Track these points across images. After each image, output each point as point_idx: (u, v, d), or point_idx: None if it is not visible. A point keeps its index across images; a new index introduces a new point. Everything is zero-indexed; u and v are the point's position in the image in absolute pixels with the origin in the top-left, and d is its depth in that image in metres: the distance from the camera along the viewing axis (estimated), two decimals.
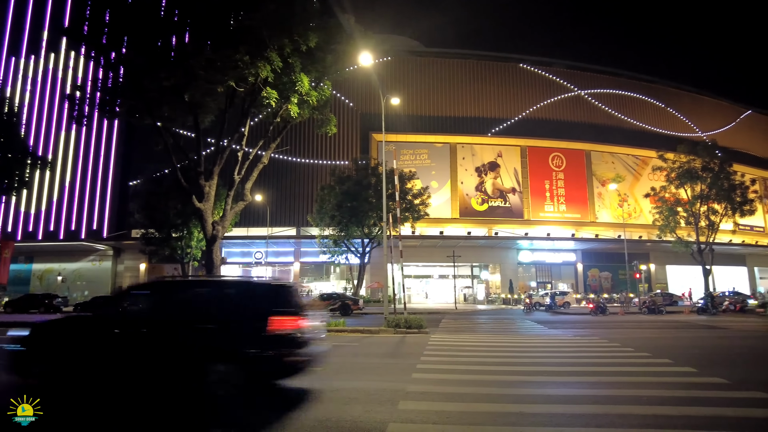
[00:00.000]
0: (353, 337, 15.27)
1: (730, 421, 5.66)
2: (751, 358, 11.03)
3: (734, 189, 34.80)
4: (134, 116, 19.20)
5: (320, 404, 6.53)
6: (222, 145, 19.46)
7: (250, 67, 15.60)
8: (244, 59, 15.53)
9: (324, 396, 6.98)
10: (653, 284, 45.41)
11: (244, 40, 16.19)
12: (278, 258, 43.49)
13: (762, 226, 55.24)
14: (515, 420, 5.77)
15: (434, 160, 45.22)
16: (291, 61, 16.65)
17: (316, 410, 6.21)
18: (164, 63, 17.26)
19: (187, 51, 17.60)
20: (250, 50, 15.74)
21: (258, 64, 15.65)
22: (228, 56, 15.86)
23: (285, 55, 16.42)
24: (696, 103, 57.67)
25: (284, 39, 16.15)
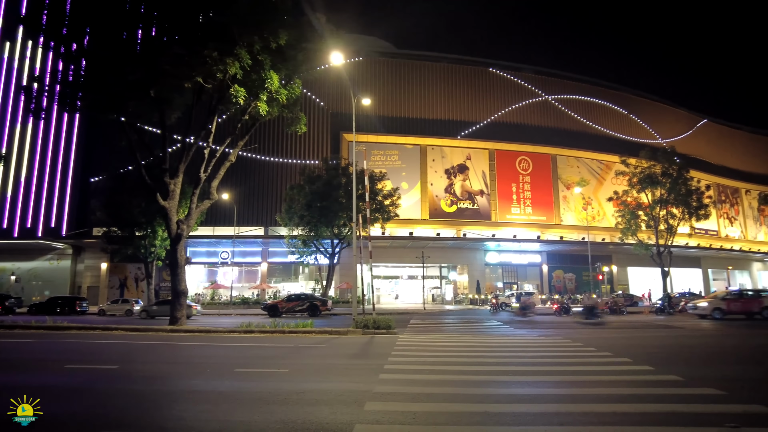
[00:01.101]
0: (321, 339, 15.17)
1: (683, 417, 5.88)
2: (704, 356, 11.49)
3: (691, 194, 36.21)
4: (97, 111, 18.63)
5: (285, 406, 6.45)
6: (188, 142, 19.06)
7: (218, 64, 15.33)
8: (212, 55, 15.25)
9: (290, 398, 6.90)
10: (615, 285, 46.81)
11: (213, 36, 15.92)
12: (245, 258, 42.81)
13: (715, 230, 57.72)
14: (480, 420, 5.84)
15: (405, 162, 45.41)
16: (261, 59, 16.45)
17: (281, 412, 6.14)
18: (129, 57, 16.79)
19: (153, 45, 17.18)
20: (219, 46, 15.47)
21: (227, 61, 15.40)
22: (196, 52, 15.55)
23: (255, 52, 16.21)
24: (657, 111, 59.81)
25: (254, 36, 15.94)
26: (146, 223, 32.81)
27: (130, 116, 18.37)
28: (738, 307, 23.69)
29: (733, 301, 24.13)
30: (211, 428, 5.62)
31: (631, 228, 37.25)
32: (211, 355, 12.04)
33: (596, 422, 5.71)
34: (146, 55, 16.76)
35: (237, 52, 15.76)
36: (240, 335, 16.15)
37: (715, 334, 17.17)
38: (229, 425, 5.67)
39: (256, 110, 17.89)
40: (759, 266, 60.47)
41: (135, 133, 19.30)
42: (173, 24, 17.27)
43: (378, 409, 6.26)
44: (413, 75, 48.78)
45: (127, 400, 6.93)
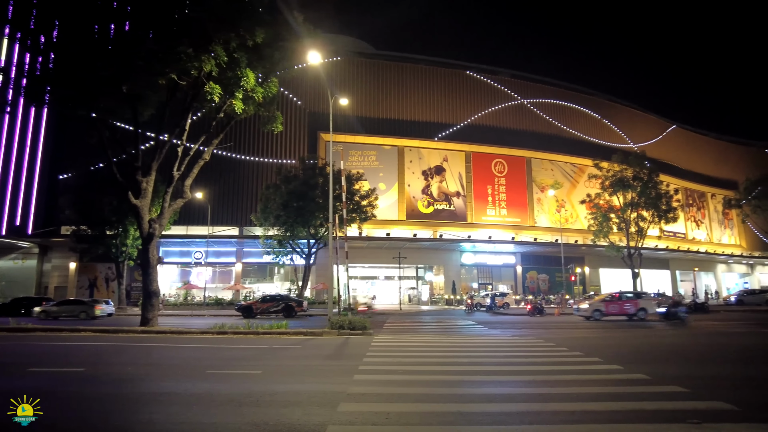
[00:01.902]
0: (296, 340, 15.07)
1: (649, 414, 6.05)
2: (670, 354, 11.82)
3: (660, 197, 37.21)
4: (66, 106, 18.11)
5: (258, 408, 6.39)
6: (162, 139, 18.71)
7: (193, 60, 15.10)
8: (187, 52, 15.02)
9: (262, 400, 6.84)
10: (587, 286, 47.77)
11: (188, 32, 15.67)
12: (219, 258, 42.20)
13: (683, 233, 59.46)
14: (453, 419, 5.89)
15: (382, 162, 45.46)
16: (237, 56, 16.26)
17: (253, 414, 6.08)
18: (101, 52, 16.38)
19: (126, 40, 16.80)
20: (194, 43, 15.25)
21: (202, 58, 15.19)
22: (171, 48, 15.28)
23: (231, 49, 16.02)
24: (629, 116, 61.28)
25: (230, 33, 15.74)
26: (117, 221, 32.04)
27: (101, 112, 17.92)
28: (616, 308, 24.31)
29: (611, 303, 24.73)
30: (181, 431, 5.54)
31: (603, 230, 38.05)
32: (182, 356, 11.84)
33: (567, 421, 5.83)
34: (119, 51, 16.37)
35: (212, 49, 15.55)
36: (213, 336, 15.92)
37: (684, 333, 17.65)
38: (200, 427, 5.59)
39: (231, 108, 17.68)
40: (723, 268, 62.53)
41: (106, 130, 18.84)
42: (147, 19, 16.91)
43: (351, 410, 6.26)
44: (391, 76, 48.88)
45: (93, 403, 6.75)
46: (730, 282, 61.84)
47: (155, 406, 6.55)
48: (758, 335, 16.43)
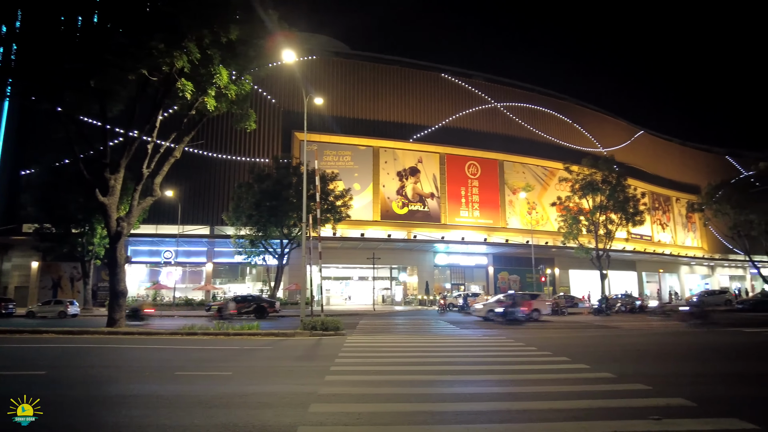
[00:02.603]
0: (267, 341, 14.93)
1: (613, 411, 6.23)
2: (635, 354, 12.17)
3: (628, 201, 38.16)
4: (29, 99, 17.50)
5: (228, 410, 6.32)
6: (131, 136, 18.30)
7: (165, 56, 14.82)
8: (159, 47, 14.72)
9: (233, 401, 6.76)
10: (557, 287, 48.69)
11: (160, 27, 15.33)
12: (190, 258, 41.41)
13: (650, 235, 61.25)
14: (424, 419, 5.95)
15: (357, 163, 45.40)
16: (210, 53, 16.03)
17: (222, 416, 6.01)
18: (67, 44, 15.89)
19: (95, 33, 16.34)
20: (166, 38, 14.94)
21: (174, 54, 14.91)
22: (141, 43, 14.93)
23: (204, 46, 15.78)
24: (598, 121, 62.75)
25: (204, 30, 15.51)
26: (84, 220, 31.10)
27: (67, 106, 17.37)
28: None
29: (505, 304, 24.25)
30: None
31: (573, 232, 38.81)
32: (150, 358, 11.60)
33: (534, 419, 5.96)
34: (86, 44, 15.91)
35: (185, 45, 15.27)
36: (182, 337, 15.63)
37: (648, 333, 18.18)
38: (167, 430, 5.49)
39: (203, 105, 17.40)
40: (686, 269, 64.69)
41: (73, 125, 18.29)
42: (117, 12, 16.49)
43: (322, 411, 6.25)
44: (367, 76, 48.86)
45: (53, 408, 6.47)
46: (692, 283, 64.01)
47: (120, 410, 6.38)
48: (716, 334, 17.04)
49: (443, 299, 35.99)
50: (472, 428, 5.60)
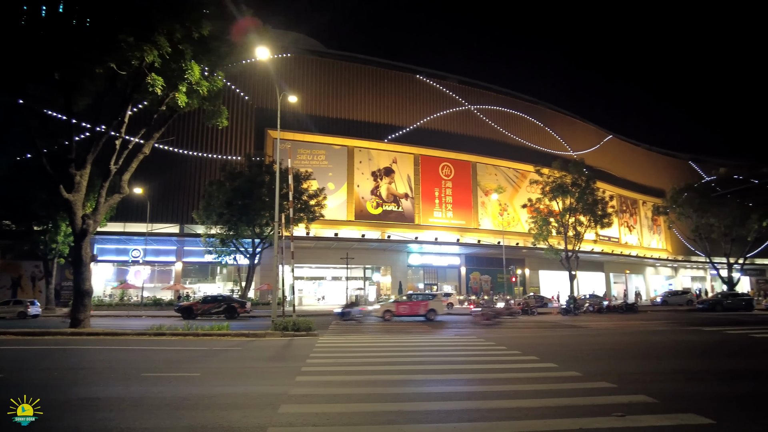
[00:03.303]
0: (237, 341, 14.74)
1: (579, 409, 6.38)
2: (602, 353, 12.48)
3: (597, 203, 39.10)
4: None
5: (195, 411, 6.22)
6: (98, 131, 17.77)
7: (134, 50, 14.43)
8: (128, 40, 14.33)
9: (200, 403, 6.66)
10: (527, 287, 49.52)
11: (130, 20, 14.93)
12: (158, 257, 40.49)
13: (617, 237, 62.90)
14: (393, 418, 5.97)
15: (332, 162, 45.19)
16: (182, 48, 15.71)
17: (189, 418, 5.91)
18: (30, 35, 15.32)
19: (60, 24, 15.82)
20: (136, 32, 14.55)
21: (144, 48, 14.54)
22: (110, 35, 14.51)
23: (175, 40, 15.45)
24: (569, 125, 64.10)
25: (175, 24, 15.19)
26: (47, 216, 30.05)
27: (29, 99, 16.77)
28: (406, 309, 24.74)
29: (402, 304, 25.12)
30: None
31: (543, 233, 39.51)
32: (116, 359, 11.29)
33: (503, 417, 6.05)
34: (51, 35, 15.38)
35: (156, 39, 14.90)
36: (150, 338, 15.30)
37: (614, 332, 18.66)
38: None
39: (174, 101, 17.02)
40: (651, 270, 66.65)
41: (35, 119, 17.67)
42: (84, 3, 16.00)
43: (292, 412, 6.22)
44: (342, 75, 48.71)
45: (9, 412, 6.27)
46: (657, 284, 66.00)
47: (82, 413, 6.18)
48: (679, 332, 17.64)
49: None
50: (442, 427, 5.66)
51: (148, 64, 15.15)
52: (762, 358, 11.45)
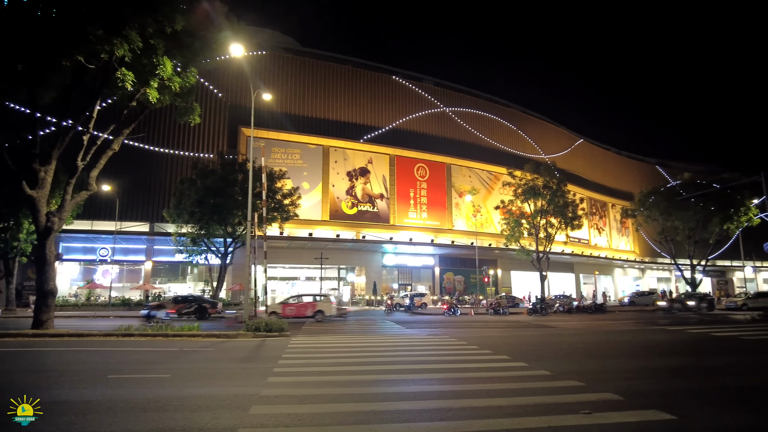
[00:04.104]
0: (208, 342, 14.51)
1: (548, 407, 6.50)
2: (570, 352, 12.75)
3: (567, 206, 39.91)
4: None
5: (164, 413, 6.10)
6: (65, 125, 17.22)
7: (103, 43, 14.02)
8: (97, 33, 13.92)
9: (170, 404, 6.54)
10: (499, 287, 50.21)
11: (99, 12, 14.50)
12: (127, 256, 39.54)
13: (587, 239, 64.33)
14: (366, 418, 5.98)
15: (306, 161, 44.89)
16: (153, 43, 15.33)
17: (158, 420, 5.80)
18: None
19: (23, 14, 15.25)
20: (106, 24, 14.13)
21: (114, 41, 14.13)
22: (78, 27, 14.07)
23: (147, 35, 15.06)
24: (541, 129, 65.26)
25: (147, 18, 14.80)
26: (9, 213, 28.92)
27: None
28: (293, 311, 23.98)
29: (288, 305, 24.35)
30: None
31: (515, 235, 40.12)
32: (81, 361, 10.98)
33: (474, 416, 6.12)
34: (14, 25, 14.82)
35: (126, 33, 14.51)
36: (117, 339, 14.92)
37: (583, 332, 19.07)
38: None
39: (145, 97, 16.60)
40: (620, 272, 68.41)
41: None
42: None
43: (263, 413, 6.16)
44: (318, 75, 48.48)
45: None
46: (625, 284, 67.75)
47: (42, 418, 5.91)
48: (644, 332, 18.15)
49: (390, 299, 36.31)
50: (414, 426, 5.69)
51: (118, 58, 14.75)
52: (720, 355, 11.88)
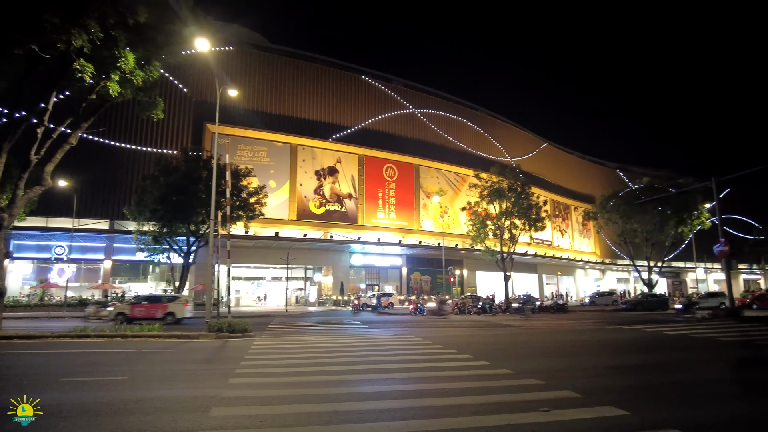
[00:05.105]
0: (168, 343, 14.14)
1: (509, 405, 6.61)
2: (531, 350, 13.02)
3: (531, 208, 40.67)
4: None
5: (119, 417, 5.90)
6: (17, 117, 16.46)
7: (60, 33, 13.44)
8: (53, 21, 13.34)
9: (125, 408, 6.33)
10: (465, 287, 50.86)
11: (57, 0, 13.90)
12: (85, 254, 38.13)
13: (550, 241, 65.90)
14: (328, 419, 5.94)
15: (274, 159, 44.31)
16: (115, 34, 14.81)
17: (112, 424, 5.61)
18: None
19: None
20: (63, 12, 13.56)
21: (72, 31, 13.57)
22: (32, 15, 13.46)
23: (108, 26, 14.54)
24: (508, 132, 66.49)
25: (108, 8, 14.30)
26: None
27: None
28: (141, 312, 22.88)
29: (137, 306, 23.24)
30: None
31: (480, 236, 40.66)
32: (31, 364, 10.51)
33: (436, 415, 6.16)
34: None
35: (85, 22, 13.97)
36: (72, 341, 14.36)
37: (544, 331, 19.50)
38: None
39: (105, 90, 16.01)
40: (581, 272, 70.37)
41: None
42: None
43: (224, 414, 6.05)
44: (286, 72, 47.95)
45: None
46: (586, 285, 69.73)
47: None
48: (603, 331, 18.70)
49: (357, 299, 36.27)
50: (376, 426, 5.69)
51: (77, 48, 14.19)
52: (672, 353, 12.36)
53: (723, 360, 11.32)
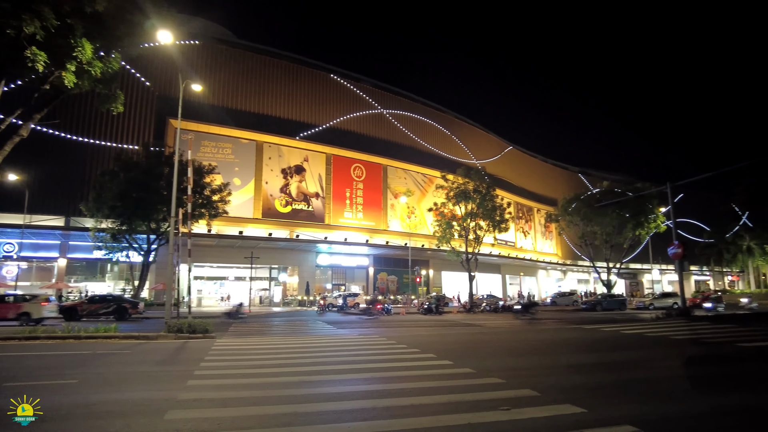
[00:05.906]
0: (125, 344, 13.66)
1: (470, 404, 6.65)
2: (494, 350, 13.20)
3: (496, 209, 41.37)
4: None
5: (67, 422, 5.64)
6: None
7: (10, 18, 12.78)
8: (2, 5, 12.67)
9: (75, 412, 6.06)
10: (431, 287, 51.22)
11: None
12: (38, 252, 36.45)
13: (513, 242, 67.15)
14: (288, 420, 5.84)
15: (239, 157, 43.48)
16: (71, 23, 14.18)
17: (61, 429, 5.34)
18: None
19: None
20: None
21: (23, 17, 12.92)
22: None
23: (63, 13, 13.90)
24: (474, 135, 67.38)
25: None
26: None
27: None
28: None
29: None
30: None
31: (446, 236, 41.05)
32: None
33: (397, 415, 6.13)
34: None
35: (38, 8, 13.32)
36: (20, 343, 13.69)
37: (507, 330, 19.81)
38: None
39: (60, 80, 15.31)
40: (544, 273, 72.05)
41: None
42: None
43: (180, 417, 5.86)
44: (254, 68, 47.15)
45: None
46: (548, 285, 71.41)
47: None
48: (563, 331, 19.15)
49: (323, 299, 36.01)
50: (336, 427, 5.62)
51: (28, 35, 13.52)
52: (627, 351, 12.74)
53: (674, 357, 11.75)
